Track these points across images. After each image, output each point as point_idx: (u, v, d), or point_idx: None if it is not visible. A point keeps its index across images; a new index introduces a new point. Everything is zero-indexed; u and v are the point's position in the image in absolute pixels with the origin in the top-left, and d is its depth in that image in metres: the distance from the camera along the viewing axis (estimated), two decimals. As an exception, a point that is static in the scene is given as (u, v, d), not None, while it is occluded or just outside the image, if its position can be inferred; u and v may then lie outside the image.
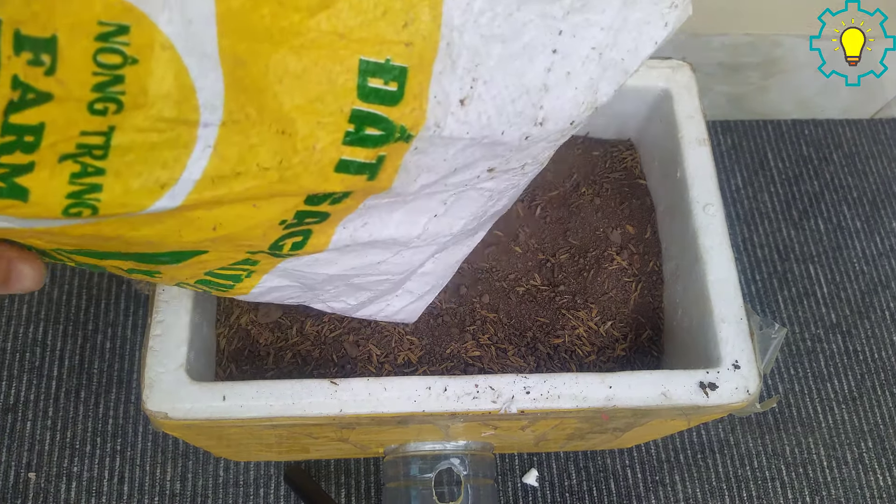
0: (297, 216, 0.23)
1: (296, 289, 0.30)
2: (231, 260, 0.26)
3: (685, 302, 0.37)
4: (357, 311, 0.34)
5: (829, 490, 0.51)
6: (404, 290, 0.33)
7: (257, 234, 0.23)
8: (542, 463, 0.50)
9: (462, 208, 0.28)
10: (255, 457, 0.47)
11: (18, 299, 0.52)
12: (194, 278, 0.27)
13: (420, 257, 0.30)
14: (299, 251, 0.26)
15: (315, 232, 0.25)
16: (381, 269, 0.30)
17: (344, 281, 0.30)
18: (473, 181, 0.26)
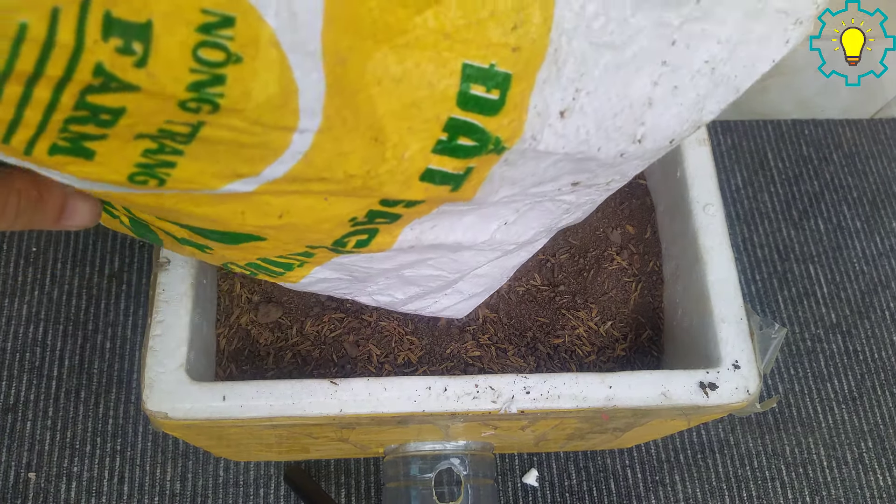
0: (369, 215, 0.22)
1: (345, 281, 0.29)
2: (288, 251, 0.25)
3: (685, 302, 0.37)
4: (403, 305, 0.32)
5: (829, 490, 0.51)
6: (454, 290, 0.32)
7: (324, 229, 0.22)
8: (542, 463, 0.49)
9: (534, 218, 0.27)
10: (255, 457, 0.47)
11: (18, 299, 0.52)
12: (245, 261, 0.26)
13: (480, 259, 0.29)
14: (362, 249, 0.24)
15: (382, 231, 0.24)
16: (438, 266, 0.28)
17: (396, 274, 0.29)
18: (554, 193, 0.25)
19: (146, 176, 0.18)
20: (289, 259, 0.26)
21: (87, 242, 0.54)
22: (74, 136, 0.16)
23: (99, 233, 0.55)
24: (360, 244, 0.24)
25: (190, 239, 0.24)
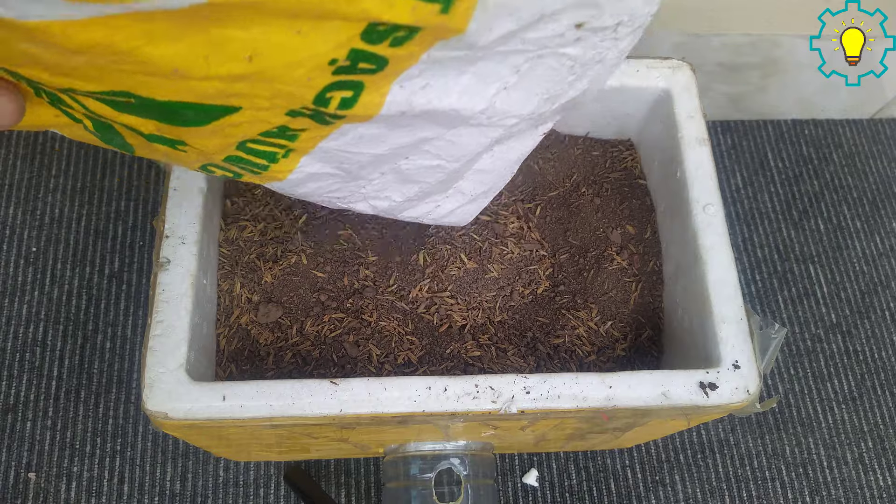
0: (351, 56, 0.20)
1: (337, 178, 0.27)
2: (268, 125, 0.23)
3: (685, 302, 0.37)
4: (403, 210, 0.31)
5: (829, 490, 0.51)
6: (456, 190, 0.30)
7: (301, 77, 0.20)
8: (542, 463, 0.50)
9: (537, 81, 0.24)
10: (255, 457, 0.47)
11: (18, 299, 0.52)
12: (224, 153, 0.24)
13: (481, 141, 0.27)
14: (348, 110, 0.22)
15: (368, 86, 0.22)
16: (435, 150, 0.27)
17: (391, 165, 0.27)
18: (555, 42, 0.22)
19: None
20: (271, 145, 0.24)
21: (87, 242, 0.54)
22: None
23: (99, 232, 0.55)
24: (344, 103, 0.22)
25: (159, 134, 0.23)
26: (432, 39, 0.20)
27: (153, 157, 0.26)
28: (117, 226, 0.55)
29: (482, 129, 0.26)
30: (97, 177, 0.57)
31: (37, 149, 0.57)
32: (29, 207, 0.55)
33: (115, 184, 0.56)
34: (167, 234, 0.34)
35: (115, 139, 0.24)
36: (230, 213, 0.40)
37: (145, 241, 0.55)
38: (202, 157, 0.25)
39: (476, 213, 0.33)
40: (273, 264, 0.38)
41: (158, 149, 0.24)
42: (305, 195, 0.29)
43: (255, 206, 0.40)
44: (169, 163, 0.30)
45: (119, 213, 0.55)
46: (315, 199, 0.29)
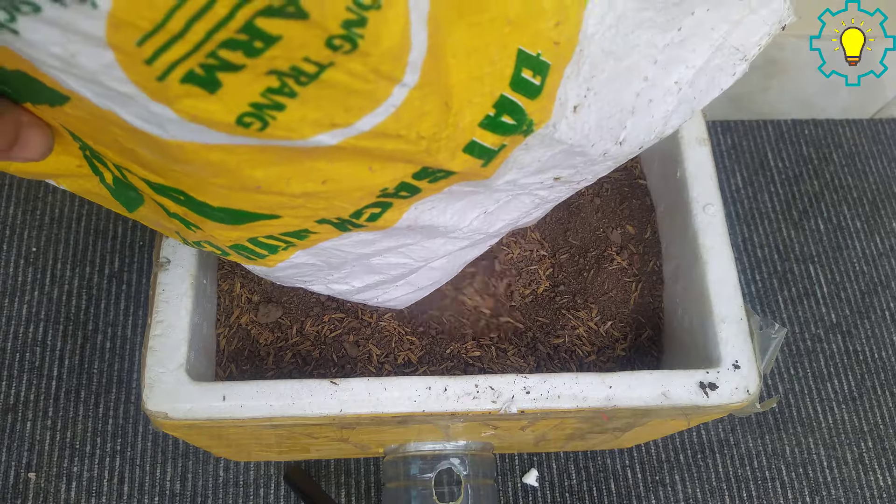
0: (399, 187, 0.23)
1: (316, 269, 0.30)
2: (292, 227, 0.25)
3: (685, 302, 0.37)
4: (356, 294, 0.34)
5: (829, 490, 0.51)
6: (406, 282, 0.34)
7: (355, 198, 0.23)
8: (542, 463, 0.49)
9: (509, 210, 0.29)
10: (255, 457, 0.47)
11: (18, 299, 0.52)
12: (231, 242, 0.27)
13: (449, 248, 0.31)
14: (372, 223, 0.26)
15: (394, 207, 0.25)
16: (408, 252, 0.30)
17: (365, 261, 0.30)
18: (536, 186, 0.27)
19: (254, 118, 0.18)
20: (282, 239, 0.27)
21: (87, 242, 0.54)
22: (215, 65, 0.17)
23: (99, 232, 0.55)
24: (371, 218, 0.25)
25: (182, 216, 0.25)
26: (461, 179, 0.24)
27: (150, 224, 0.29)
28: (117, 226, 0.55)
29: (454, 240, 0.30)
30: (97, 177, 0.57)
31: (37, 149, 0.57)
32: (29, 207, 0.55)
33: (115, 184, 0.56)
34: (167, 234, 0.34)
35: (129, 196, 0.26)
36: (230, 213, 0.40)
37: (145, 241, 0.55)
38: (206, 239, 0.27)
39: (414, 300, 0.36)
40: (273, 264, 0.38)
41: (171, 222, 0.26)
42: (276, 278, 0.31)
43: (255, 206, 0.40)
44: (162, 233, 0.32)
45: (119, 213, 0.55)
46: (281, 281, 0.32)
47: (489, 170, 0.24)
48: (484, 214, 0.28)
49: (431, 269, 0.33)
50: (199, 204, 0.23)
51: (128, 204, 0.27)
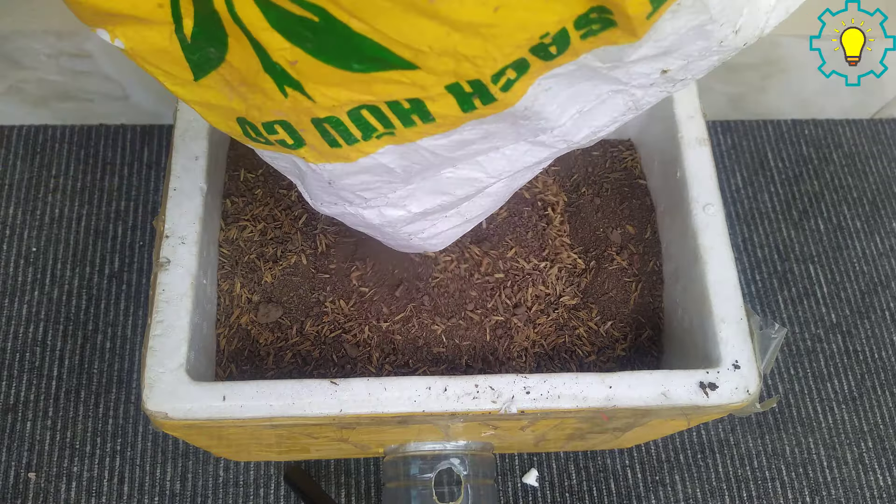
0: (556, 36, 0.22)
1: (388, 178, 0.29)
2: (413, 93, 0.24)
3: (685, 302, 0.37)
4: (406, 223, 0.32)
5: (829, 490, 0.51)
6: (457, 212, 0.33)
7: (514, 42, 0.22)
8: (542, 463, 0.49)
9: (600, 113, 0.28)
10: (255, 457, 0.47)
11: (18, 299, 0.52)
12: (330, 112, 0.24)
13: (527, 160, 0.30)
14: (504, 93, 0.24)
15: (529, 73, 0.24)
16: (487, 163, 0.29)
17: (437, 172, 0.29)
18: (638, 80, 0.27)
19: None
20: (385, 116, 0.25)
21: (87, 242, 0.54)
22: None
23: (99, 232, 0.55)
24: (507, 85, 0.24)
25: (285, 67, 0.23)
26: (605, 42, 0.23)
27: (206, 107, 0.26)
28: (117, 226, 0.55)
29: (538, 148, 0.29)
30: (97, 177, 0.57)
31: (37, 149, 0.57)
32: (29, 207, 0.55)
33: (114, 184, 0.56)
34: (167, 234, 0.34)
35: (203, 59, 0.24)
36: (230, 213, 0.40)
37: (145, 241, 0.55)
38: (294, 111, 0.25)
39: (455, 238, 0.35)
40: (273, 264, 0.38)
41: (260, 82, 0.23)
42: (340, 188, 0.29)
43: (255, 206, 0.40)
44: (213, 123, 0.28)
45: (119, 213, 0.55)
46: (340, 197, 0.30)
47: (646, 27, 0.23)
48: (579, 114, 0.28)
49: (486, 195, 0.33)
50: (333, 32, 0.21)
51: (199, 65, 0.24)
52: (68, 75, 0.53)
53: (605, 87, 0.27)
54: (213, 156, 0.38)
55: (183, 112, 0.37)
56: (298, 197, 0.40)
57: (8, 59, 0.51)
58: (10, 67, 0.52)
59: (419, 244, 0.35)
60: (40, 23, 0.48)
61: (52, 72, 0.52)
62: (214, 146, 0.38)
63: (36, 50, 0.50)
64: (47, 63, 0.52)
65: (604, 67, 0.25)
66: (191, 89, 0.25)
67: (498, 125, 0.26)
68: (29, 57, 0.51)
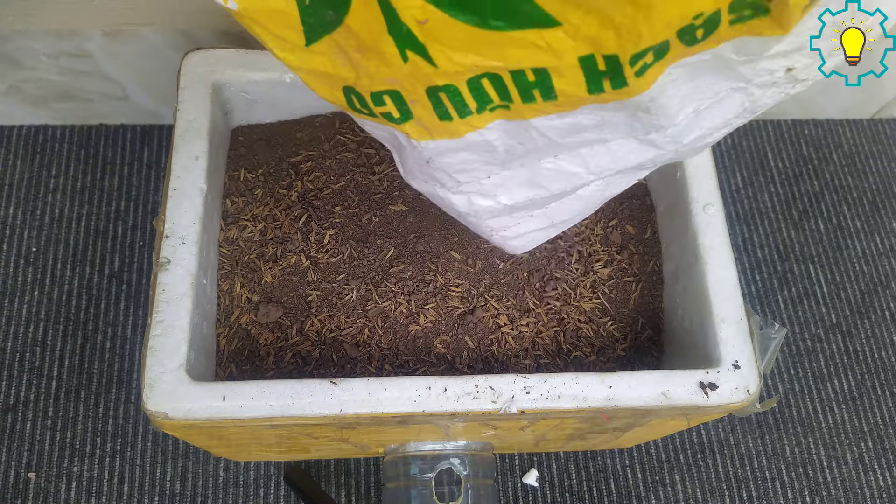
0: (708, 18, 0.21)
1: (489, 158, 0.28)
2: (544, 62, 0.22)
3: (685, 302, 0.37)
4: (493, 216, 0.31)
5: (829, 490, 0.51)
6: (544, 212, 0.32)
7: (668, 18, 0.21)
8: (542, 463, 0.49)
9: (714, 114, 0.27)
10: (255, 457, 0.47)
11: (18, 299, 0.52)
12: (450, 80, 0.23)
13: (629, 160, 0.28)
14: (637, 79, 0.23)
15: (665, 59, 0.23)
16: (590, 156, 0.28)
17: (536, 160, 0.28)
18: (761, 79, 0.26)
19: None
20: (503, 88, 0.24)
21: (87, 242, 0.54)
22: None
23: (99, 232, 0.55)
24: (642, 70, 0.23)
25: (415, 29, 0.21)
26: (750, 32, 0.22)
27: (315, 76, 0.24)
28: (117, 226, 0.55)
29: (646, 148, 0.28)
30: (97, 177, 0.57)
31: (37, 149, 0.57)
32: (29, 207, 0.55)
33: (115, 184, 0.56)
34: (167, 234, 0.34)
35: (320, 20, 0.23)
36: (230, 213, 0.40)
37: (145, 241, 0.55)
38: (410, 78, 0.23)
39: (539, 242, 0.34)
40: (273, 264, 0.38)
41: (381, 46, 0.22)
42: (437, 167, 0.28)
43: (255, 206, 0.40)
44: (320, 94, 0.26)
45: (119, 213, 0.55)
46: (438, 172, 0.29)
47: (798, 18, 0.22)
48: (695, 113, 0.27)
49: (577, 197, 0.32)
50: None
51: (314, 28, 0.23)
52: (68, 75, 0.53)
53: (725, 84, 0.26)
54: (213, 156, 0.38)
55: (183, 112, 0.37)
56: (298, 197, 0.40)
57: (8, 59, 0.51)
58: (10, 67, 0.52)
59: (499, 241, 0.33)
60: (40, 23, 0.48)
61: (52, 72, 0.52)
62: (214, 146, 0.38)
63: (36, 50, 0.50)
64: (47, 63, 0.52)
65: (737, 61, 0.24)
66: (300, 55, 0.24)
67: (616, 114, 0.25)
68: (29, 57, 0.51)
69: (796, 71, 0.25)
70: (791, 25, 0.22)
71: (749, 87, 0.26)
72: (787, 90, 0.27)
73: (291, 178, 0.41)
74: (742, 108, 0.27)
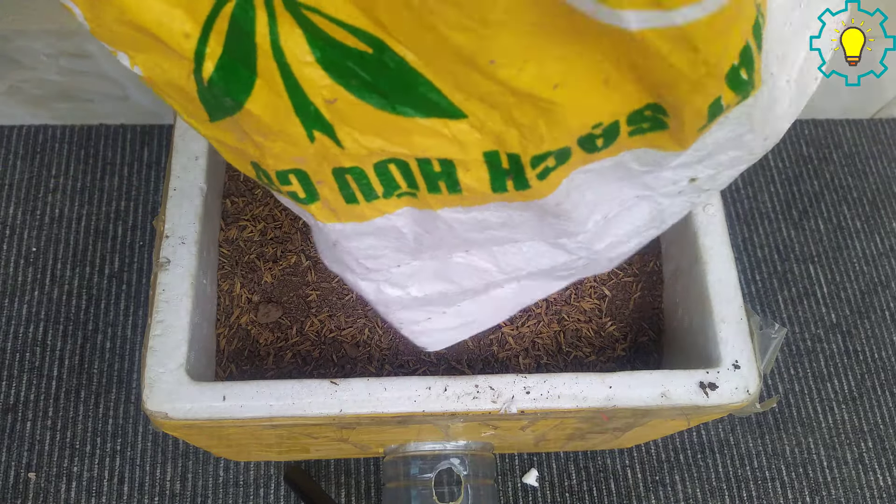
0: (606, 128, 0.22)
1: (396, 246, 0.27)
2: (449, 153, 0.22)
3: (685, 302, 0.37)
4: (401, 308, 0.31)
5: (829, 490, 0.51)
6: (456, 311, 0.32)
7: (567, 127, 0.21)
8: (542, 463, 0.49)
9: (623, 222, 0.28)
10: (255, 457, 0.47)
11: (18, 299, 0.52)
12: (356, 162, 0.23)
13: (541, 263, 0.28)
14: (539, 182, 0.23)
15: (568, 163, 0.23)
16: (501, 255, 0.28)
17: (446, 253, 0.28)
18: (666, 189, 0.26)
19: None
20: (411, 175, 0.23)
21: (87, 242, 0.54)
22: None
23: (99, 232, 0.55)
24: (543, 173, 0.23)
25: (320, 109, 0.21)
26: (649, 144, 0.23)
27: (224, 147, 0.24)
28: (117, 226, 0.55)
29: (557, 252, 0.28)
30: (97, 177, 0.57)
31: (37, 149, 0.57)
32: (29, 207, 0.55)
33: (115, 184, 0.56)
34: (167, 234, 0.34)
35: (217, 105, 0.22)
36: (230, 213, 0.40)
37: (145, 241, 0.55)
38: (316, 158, 0.23)
39: (449, 343, 0.33)
40: (273, 264, 0.38)
41: (287, 127, 0.22)
42: (344, 250, 0.28)
43: (255, 207, 0.40)
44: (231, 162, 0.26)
45: (119, 213, 0.55)
46: (342, 254, 0.28)
47: (696, 136, 0.22)
48: (604, 220, 0.27)
49: (490, 297, 0.31)
50: (385, 67, 0.20)
51: (216, 107, 0.22)
52: (68, 75, 0.53)
53: (631, 192, 0.26)
54: (213, 156, 0.38)
55: (183, 112, 0.37)
56: (298, 197, 0.40)
57: (8, 59, 0.51)
58: (10, 67, 0.52)
59: (409, 335, 0.33)
60: (40, 23, 0.48)
61: (52, 72, 0.52)
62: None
63: (36, 50, 0.50)
64: (47, 63, 0.52)
65: (640, 170, 0.25)
66: (206, 126, 0.24)
67: (523, 215, 0.25)
68: (29, 57, 0.51)
69: (699, 181, 0.26)
70: (688, 143, 0.22)
71: (655, 196, 0.27)
72: (693, 199, 0.27)
73: (291, 178, 0.41)
74: (650, 216, 0.28)
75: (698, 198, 0.27)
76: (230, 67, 0.21)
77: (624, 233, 0.28)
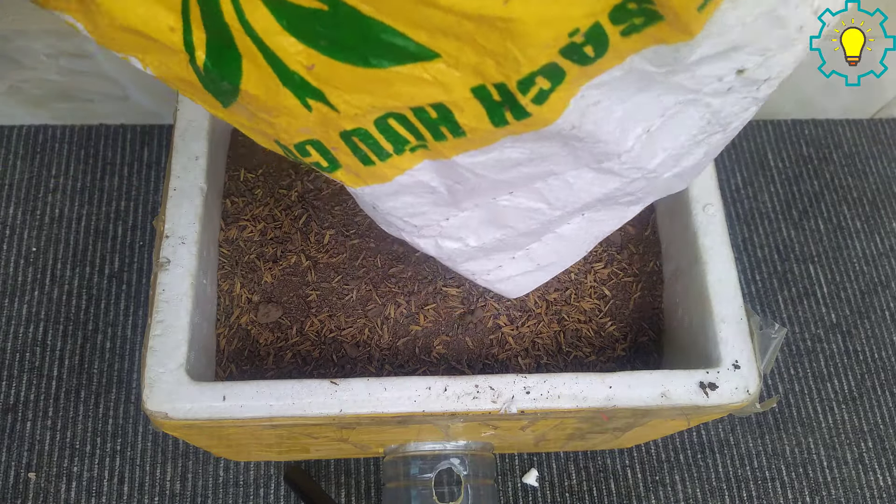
0: (588, 33, 0.20)
1: (433, 200, 0.26)
2: (438, 97, 0.22)
3: (685, 302, 0.37)
4: (467, 259, 0.30)
5: (829, 490, 0.51)
6: (526, 253, 0.30)
7: (535, 42, 0.19)
8: (542, 463, 0.50)
9: (673, 131, 0.25)
10: (255, 457, 0.47)
11: (18, 299, 0.52)
12: (358, 124, 0.23)
13: (594, 191, 0.27)
14: (538, 107, 0.21)
15: (567, 80, 0.21)
16: (547, 190, 0.27)
17: (490, 198, 0.27)
18: (710, 87, 0.23)
19: None
20: (414, 127, 0.23)
21: (87, 242, 0.54)
22: None
23: (99, 232, 0.55)
24: (539, 97, 0.21)
25: (303, 76, 0.21)
26: (654, 41, 0.21)
27: (245, 126, 0.24)
28: (117, 226, 0.55)
29: (606, 177, 0.26)
30: (97, 177, 0.57)
31: (37, 149, 0.57)
32: (29, 207, 0.55)
33: (115, 184, 0.56)
34: (167, 234, 0.34)
35: (220, 91, 0.22)
36: (230, 213, 0.40)
37: (145, 241, 0.55)
38: (321, 126, 0.23)
39: (532, 287, 0.32)
40: (273, 264, 0.38)
41: (282, 100, 0.22)
42: (386, 211, 0.27)
43: (255, 207, 0.40)
44: (259, 131, 0.25)
45: (119, 213, 0.55)
46: (390, 219, 0.28)
47: (701, 20, 0.20)
48: (647, 135, 0.24)
49: (559, 237, 0.30)
50: (345, 19, 0.20)
51: (222, 94, 0.22)
52: (68, 75, 0.53)
53: (670, 98, 0.24)
54: (213, 156, 0.38)
55: (183, 112, 0.37)
56: (298, 197, 0.40)
57: (8, 59, 0.51)
58: (10, 67, 0.52)
59: (485, 285, 0.32)
60: (40, 23, 0.48)
61: (52, 72, 0.52)
62: (214, 146, 0.38)
63: (36, 50, 0.50)
64: (47, 63, 0.52)
65: (659, 73, 0.22)
66: (223, 113, 0.24)
67: (545, 145, 0.24)
68: (29, 57, 0.51)
69: (750, 72, 0.23)
70: (694, 28, 0.20)
71: (701, 98, 0.24)
72: (752, 94, 0.24)
73: (291, 177, 0.41)
74: (704, 121, 0.25)
75: (758, 91, 0.24)
76: (218, 52, 0.21)
77: (679, 144, 0.26)
